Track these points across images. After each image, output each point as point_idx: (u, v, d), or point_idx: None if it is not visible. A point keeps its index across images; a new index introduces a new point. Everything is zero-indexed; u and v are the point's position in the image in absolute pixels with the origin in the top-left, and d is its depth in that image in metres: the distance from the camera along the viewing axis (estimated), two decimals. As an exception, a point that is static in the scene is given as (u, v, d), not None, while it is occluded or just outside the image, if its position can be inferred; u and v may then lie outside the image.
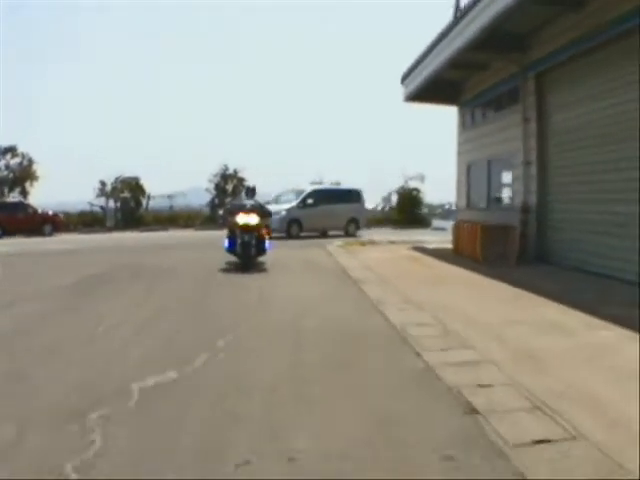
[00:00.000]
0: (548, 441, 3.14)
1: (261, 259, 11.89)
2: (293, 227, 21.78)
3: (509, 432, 3.25)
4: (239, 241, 11.17)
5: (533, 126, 13.02)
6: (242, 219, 11.26)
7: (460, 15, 13.08)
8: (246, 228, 11.15)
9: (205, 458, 3.06)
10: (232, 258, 11.64)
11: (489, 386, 4.05)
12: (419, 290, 8.45)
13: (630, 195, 9.37)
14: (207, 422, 3.57)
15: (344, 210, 23.03)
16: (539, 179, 12.79)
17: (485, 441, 3.21)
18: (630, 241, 9.25)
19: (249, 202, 11.90)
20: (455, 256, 13.35)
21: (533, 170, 12.92)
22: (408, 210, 31.14)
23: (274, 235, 17.98)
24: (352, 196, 23.81)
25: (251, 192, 12.57)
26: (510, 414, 3.55)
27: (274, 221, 18.86)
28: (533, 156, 12.96)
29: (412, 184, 31.93)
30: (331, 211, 22.58)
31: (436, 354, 4.91)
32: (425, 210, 33.23)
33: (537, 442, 3.13)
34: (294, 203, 22.23)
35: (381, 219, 32.22)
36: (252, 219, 11.30)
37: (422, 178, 31.35)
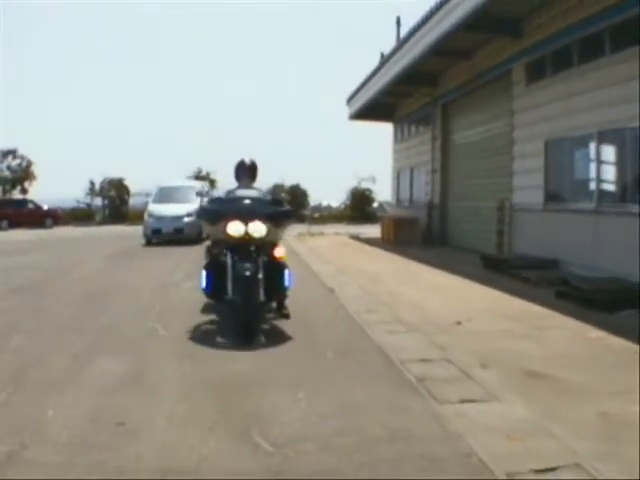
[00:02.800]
0: (357, 296, 7.35)
1: None
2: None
3: (341, 294, 7.52)
4: (231, 275, 5.49)
5: (439, 143, 17.30)
6: (235, 228, 5.53)
7: (383, 60, 17.34)
8: (245, 245, 5.59)
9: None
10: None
11: (346, 284, 8.28)
12: (336, 258, 12.68)
13: (488, 194, 13.64)
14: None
15: None
16: (442, 183, 17.07)
17: (333, 296, 7.57)
18: (483, 226, 13.55)
19: (248, 192, 6.17)
20: (379, 242, 17.60)
21: (437, 177, 17.22)
22: (360, 208, 35.40)
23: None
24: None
25: (248, 172, 6.46)
26: (346, 291, 7.82)
27: (188, 225, 17.44)
28: (438, 166, 17.25)
29: (365, 185, 36.06)
30: None
31: (329, 279, 9.16)
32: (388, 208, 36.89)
33: (353, 297, 7.33)
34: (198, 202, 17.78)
35: (338, 216, 36.33)
36: (257, 228, 5.53)
37: (373, 179, 35.46)
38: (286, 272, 5.58)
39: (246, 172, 6.40)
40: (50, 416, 3.41)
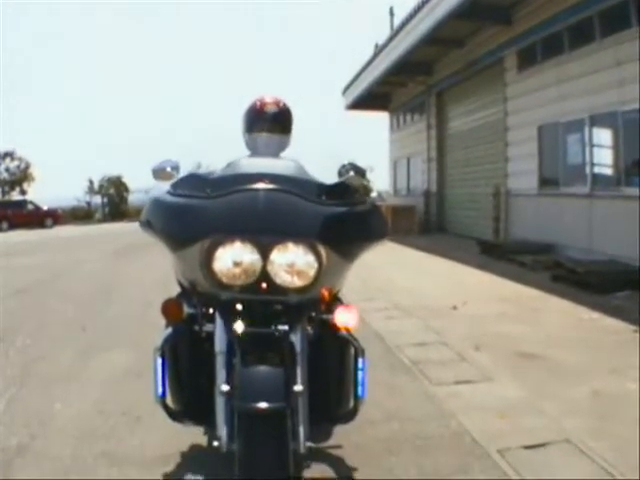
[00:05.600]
0: (354, 285, 7.43)
1: None
2: None
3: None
4: (223, 392, 1.92)
5: (434, 131, 17.35)
6: (235, 261, 1.91)
7: (377, 51, 17.37)
8: (260, 307, 2.09)
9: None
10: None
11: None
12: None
13: (484, 181, 13.72)
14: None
15: None
16: (438, 171, 17.15)
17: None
18: (479, 212, 13.65)
19: (273, 165, 2.39)
20: (378, 230, 17.75)
21: (434, 165, 17.29)
22: (359, 198, 35.48)
23: None
24: None
25: (272, 123, 2.66)
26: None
27: None
28: (434, 154, 17.31)
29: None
30: None
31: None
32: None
33: (350, 286, 7.40)
34: None
35: (338, 207, 36.39)
36: (293, 260, 1.95)
37: (371, 169, 35.36)
38: (360, 364, 2.32)
39: (268, 123, 2.69)
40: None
